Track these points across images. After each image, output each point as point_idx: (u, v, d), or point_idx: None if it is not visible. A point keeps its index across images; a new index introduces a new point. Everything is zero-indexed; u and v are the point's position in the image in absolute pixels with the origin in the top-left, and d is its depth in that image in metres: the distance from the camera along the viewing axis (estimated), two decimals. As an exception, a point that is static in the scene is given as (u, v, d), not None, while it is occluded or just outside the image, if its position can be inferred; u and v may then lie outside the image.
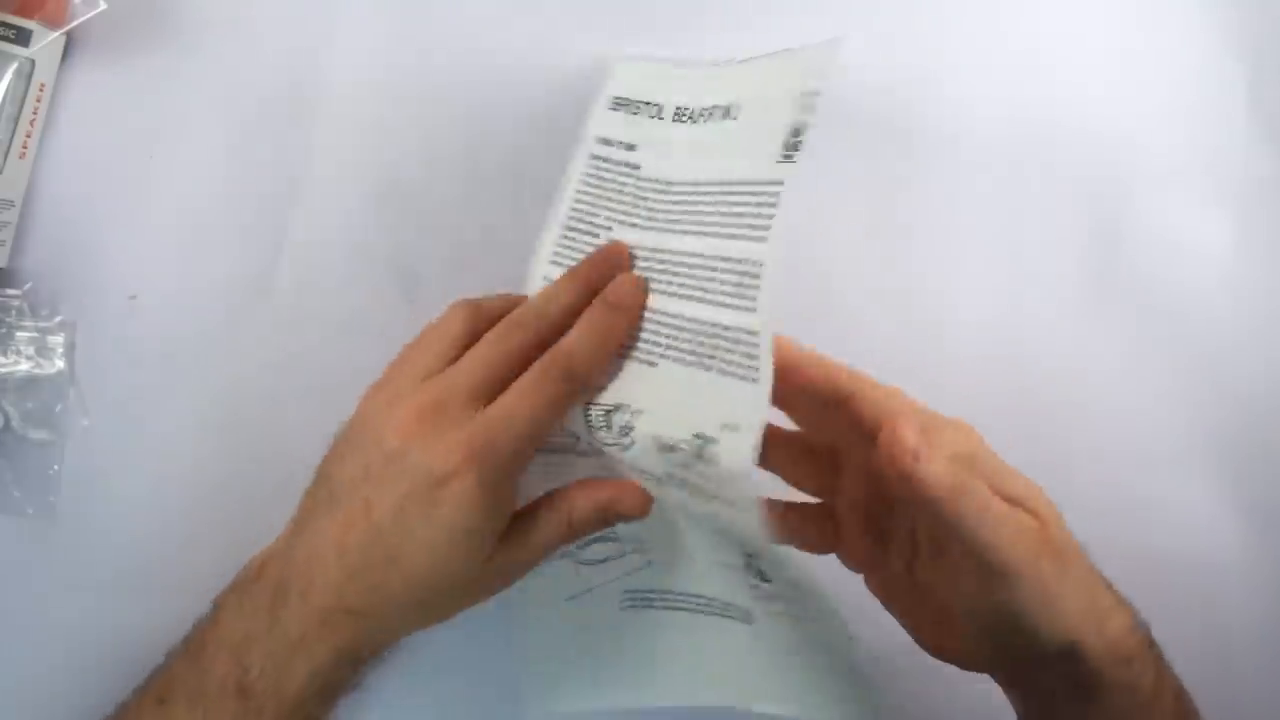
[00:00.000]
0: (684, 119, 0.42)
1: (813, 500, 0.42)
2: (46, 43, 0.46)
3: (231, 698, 0.38)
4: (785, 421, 0.42)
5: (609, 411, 0.40)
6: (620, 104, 0.44)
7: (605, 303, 0.40)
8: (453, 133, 0.48)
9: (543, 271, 0.43)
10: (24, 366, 0.47)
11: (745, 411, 0.36)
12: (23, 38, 0.46)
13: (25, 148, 0.47)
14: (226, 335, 0.47)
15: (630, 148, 0.43)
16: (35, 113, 0.47)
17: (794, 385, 0.40)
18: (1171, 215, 0.48)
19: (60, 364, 0.47)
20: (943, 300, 0.48)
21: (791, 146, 0.38)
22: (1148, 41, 0.48)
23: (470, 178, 0.47)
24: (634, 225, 0.42)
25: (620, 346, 0.40)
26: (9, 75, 0.46)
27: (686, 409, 0.38)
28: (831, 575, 0.39)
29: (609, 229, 0.42)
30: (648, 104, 0.44)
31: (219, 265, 0.48)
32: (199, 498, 0.44)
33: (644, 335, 0.40)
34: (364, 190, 0.48)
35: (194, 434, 0.45)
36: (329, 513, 0.39)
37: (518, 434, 0.38)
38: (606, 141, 0.44)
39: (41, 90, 0.47)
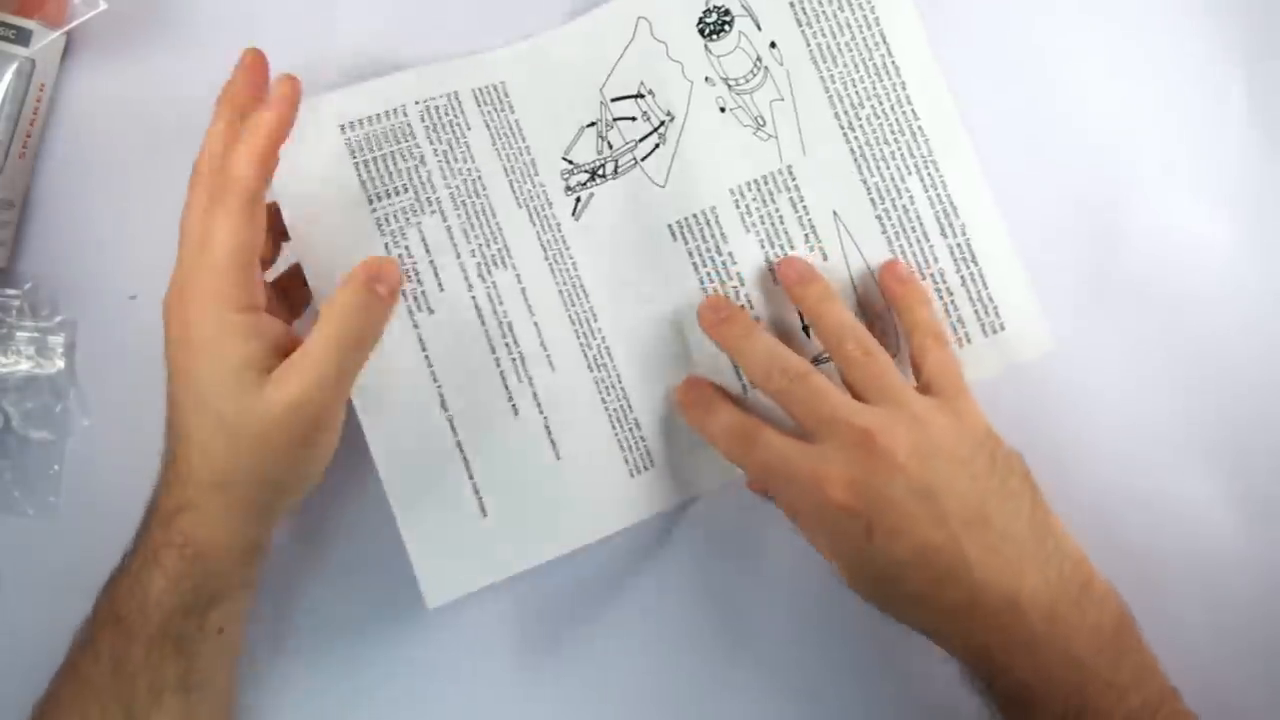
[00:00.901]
0: None
1: None
2: (46, 43, 0.46)
3: (109, 629, 0.40)
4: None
5: None
6: None
7: (263, 104, 0.40)
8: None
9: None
10: (24, 366, 0.47)
11: None
12: (23, 38, 0.46)
13: (25, 148, 0.47)
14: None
15: None
16: (35, 113, 0.47)
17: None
18: (1170, 215, 0.48)
19: (60, 364, 0.47)
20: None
21: None
22: (1146, 41, 0.48)
23: None
24: None
25: (280, 139, 0.40)
26: (9, 75, 0.46)
27: None
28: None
29: None
30: None
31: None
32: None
33: None
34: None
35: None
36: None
37: (205, 265, 0.39)
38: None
39: (41, 90, 0.47)
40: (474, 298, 0.45)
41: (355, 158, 0.44)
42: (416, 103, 0.46)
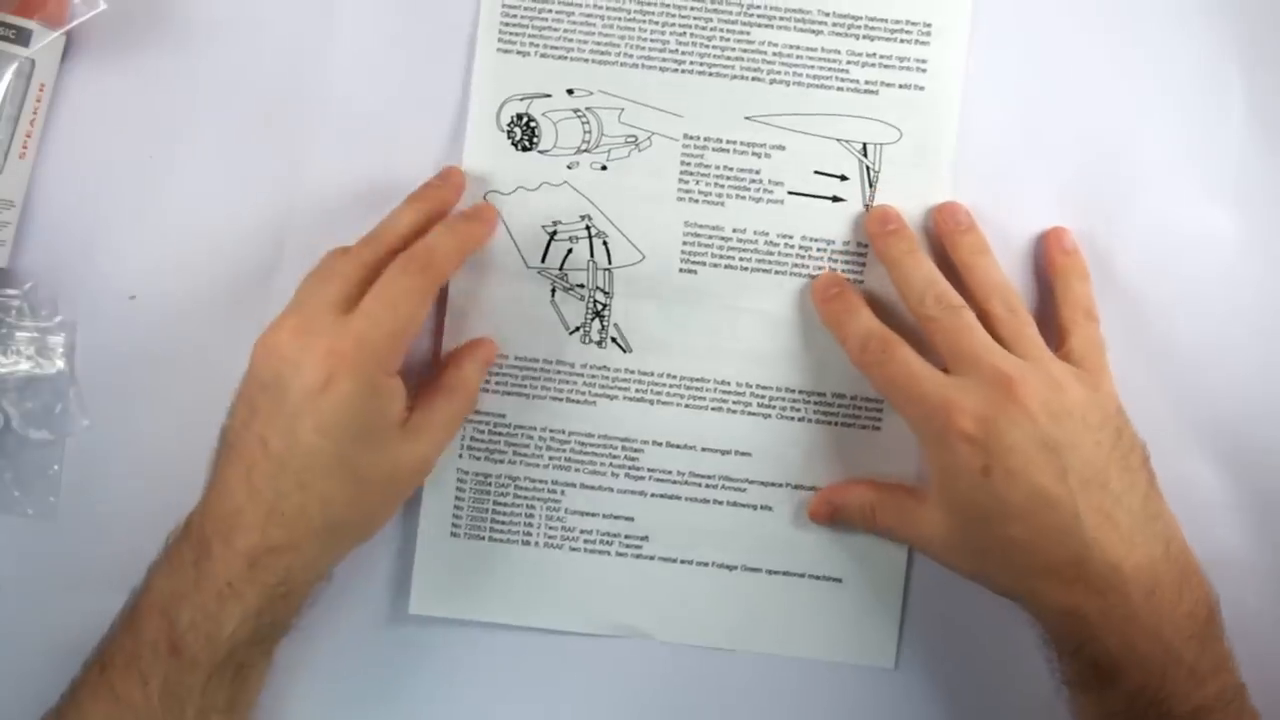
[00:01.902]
0: None
1: None
2: (46, 43, 0.46)
3: (164, 657, 0.39)
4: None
5: None
6: None
7: (466, 214, 0.45)
8: (452, 132, 0.48)
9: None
10: (24, 366, 0.47)
11: None
12: (23, 38, 0.46)
13: (25, 148, 0.47)
14: (226, 335, 0.47)
15: None
16: (35, 113, 0.47)
17: None
18: (1170, 214, 0.48)
19: (60, 364, 0.47)
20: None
21: None
22: (1146, 41, 0.48)
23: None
24: None
25: (476, 250, 0.45)
26: (9, 75, 0.46)
27: None
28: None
29: None
30: None
31: (219, 265, 0.48)
32: (198, 498, 0.43)
33: None
34: (364, 190, 0.48)
35: (194, 434, 0.45)
36: (229, 461, 0.40)
37: (384, 328, 0.40)
38: None
39: (41, 90, 0.47)
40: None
41: None
42: None
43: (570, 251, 0.47)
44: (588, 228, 0.47)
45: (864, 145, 0.47)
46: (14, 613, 0.47)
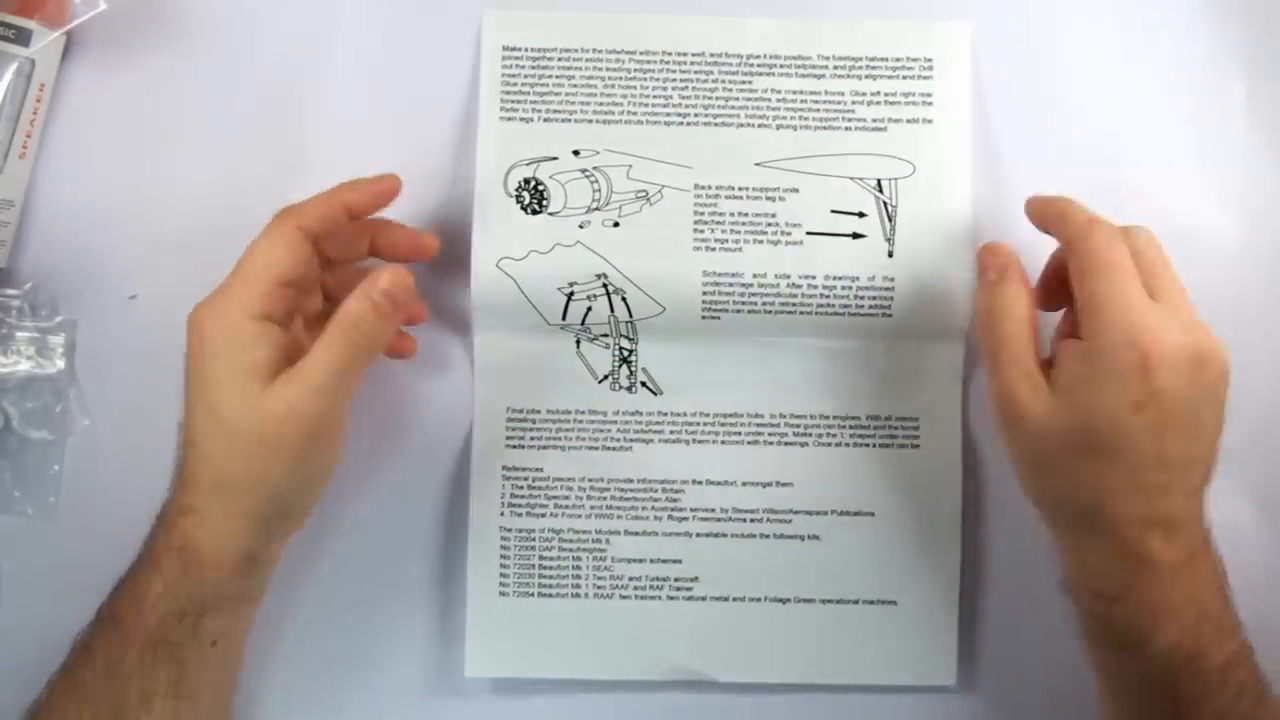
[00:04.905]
0: None
1: None
2: (46, 43, 0.46)
3: (106, 631, 0.40)
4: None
5: None
6: None
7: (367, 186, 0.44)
8: (453, 132, 0.48)
9: None
10: (24, 366, 0.47)
11: None
12: (23, 38, 0.46)
13: (25, 148, 0.47)
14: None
15: None
16: (35, 113, 0.47)
17: None
18: (1173, 216, 0.48)
19: (60, 364, 0.47)
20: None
21: None
22: (1149, 43, 0.48)
23: (471, 178, 0.47)
24: None
25: (355, 211, 0.43)
26: (9, 75, 0.46)
27: None
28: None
29: None
30: None
31: (219, 265, 0.48)
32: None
33: None
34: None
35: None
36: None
37: (239, 269, 0.41)
38: None
39: (41, 90, 0.47)
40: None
41: None
42: None
43: (590, 309, 0.46)
44: (605, 285, 0.46)
45: (878, 181, 0.47)
46: (14, 613, 0.47)
